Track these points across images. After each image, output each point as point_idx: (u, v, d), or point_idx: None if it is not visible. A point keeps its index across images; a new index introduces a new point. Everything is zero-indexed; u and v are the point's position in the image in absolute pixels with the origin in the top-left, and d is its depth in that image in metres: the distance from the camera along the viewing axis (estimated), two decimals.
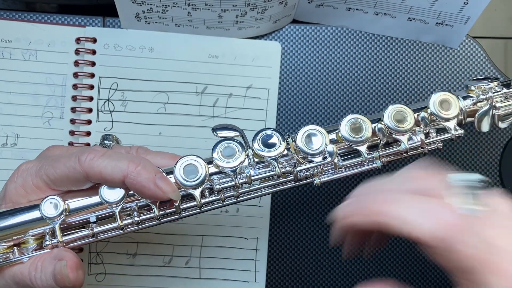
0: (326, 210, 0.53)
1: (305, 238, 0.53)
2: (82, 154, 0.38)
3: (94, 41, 0.51)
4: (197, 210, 0.41)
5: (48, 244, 0.39)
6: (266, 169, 0.41)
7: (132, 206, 0.40)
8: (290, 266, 0.53)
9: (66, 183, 0.39)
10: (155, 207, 0.39)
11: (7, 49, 0.51)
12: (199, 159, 0.39)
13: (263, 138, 0.40)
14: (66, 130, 0.51)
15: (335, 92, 0.54)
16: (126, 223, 0.39)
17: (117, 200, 0.39)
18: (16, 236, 0.39)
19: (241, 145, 0.40)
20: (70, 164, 0.38)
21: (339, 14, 0.52)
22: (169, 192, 0.38)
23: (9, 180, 0.40)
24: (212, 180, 0.40)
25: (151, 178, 0.37)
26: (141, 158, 0.39)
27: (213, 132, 0.41)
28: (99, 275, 0.51)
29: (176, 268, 0.51)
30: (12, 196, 0.39)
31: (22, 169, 0.40)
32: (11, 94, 0.50)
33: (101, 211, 0.40)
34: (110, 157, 0.38)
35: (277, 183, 0.41)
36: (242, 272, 0.52)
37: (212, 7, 0.48)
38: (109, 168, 0.37)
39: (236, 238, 0.52)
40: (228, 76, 0.52)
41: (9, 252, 0.39)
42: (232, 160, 0.40)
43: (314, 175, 0.41)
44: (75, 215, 0.39)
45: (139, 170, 0.37)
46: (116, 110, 0.51)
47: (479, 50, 0.54)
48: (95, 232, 0.39)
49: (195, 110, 0.52)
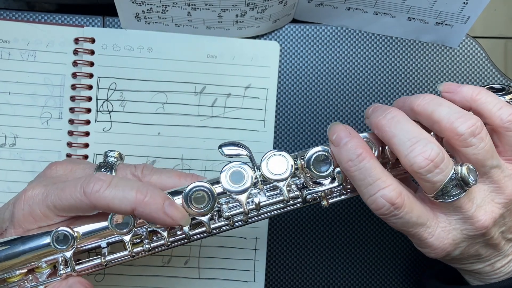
0: (326, 210, 0.53)
1: (304, 238, 0.53)
2: (87, 185, 0.37)
3: (92, 41, 0.51)
4: (206, 234, 0.41)
5: (62, 273, 0.39)
6: (274, 192, 0.41)
7: (142, 231, 0.40)
8: (289, 266, 0.53)
9: (73, 212, 0.39)
10: (165, 235, 0.40)
11: (6, 50, 0.50)
12: (207, 185, 0.39)
13: (271, 160, 0.40)
14: (64, 131, 0.51)
15: (335, 92, 0.53)
16: (137, 251, 0.40)
17: (126, 230, 0.39)
18: (29, 263, 0.39)
19: (249, 166, 0.40)
20: (76, 195, 0.38)
21: (338, 13, 0.52)
22: (179, 219, 0.38)
23: (15, 205, 0.40)
24: (221, 203, 0.40)
25: (160, 208, 0.37)
26: (148, 187, 0.38)
27: (219, 149, 0.41)
28: (98, 275, 0.51)
29: (175, 268, 0.51)
30: (21, 223, 0.39)
31: (28, 196, 0.39)
32: (10, 94, 0.50)
33: (111, 236, 0.40)
34: (116, 187, 0.37)
35: (286, 206, 0.41)
36: (241, 272, 0.52)
37: (212, 7, 0.48)
38: (116, 201, 0.37)
39: (235, 238, 0.52)
40: (227, 76, 0.52)
41: (24, 280, 0.39)
42: (241, 185, 0.39)
43: (322, 197, 0.41)
44: (85, 241, 0.40)
45: (147, 201, 0.37)
46: (114, 110, 0.51)
47: (478, 50, 0.54)
48: (107, 260, 0.40)
49: (194, 110, 0.52)
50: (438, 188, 0.37)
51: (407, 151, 0.37)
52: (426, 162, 0.36)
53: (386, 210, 0.37)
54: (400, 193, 0.37)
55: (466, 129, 0.37)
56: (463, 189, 0.37)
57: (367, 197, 0.38)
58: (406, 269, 0.53)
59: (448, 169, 0.37)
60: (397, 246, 0.53)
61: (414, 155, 0.36)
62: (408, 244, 0.53)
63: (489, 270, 0.41)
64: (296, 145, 0.53)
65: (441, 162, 0.36)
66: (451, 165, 0.37)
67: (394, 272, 0.53)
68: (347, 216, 0.53)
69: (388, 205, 0.37)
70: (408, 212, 0.37)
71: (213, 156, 0.51)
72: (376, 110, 0.40)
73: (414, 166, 0.36)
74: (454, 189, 0.37)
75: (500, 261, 0.41)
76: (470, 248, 0.40)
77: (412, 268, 0.53)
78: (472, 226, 0.38)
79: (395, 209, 0.37)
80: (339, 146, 0.39)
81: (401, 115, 0.39)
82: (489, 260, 0.41)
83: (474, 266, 0.41)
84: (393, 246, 0.53)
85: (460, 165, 0.37)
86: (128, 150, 0.50)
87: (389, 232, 0.53)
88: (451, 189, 0.37)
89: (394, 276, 0.53)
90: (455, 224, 0.39)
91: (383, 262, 0.53)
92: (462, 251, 0.39)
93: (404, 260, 0.53)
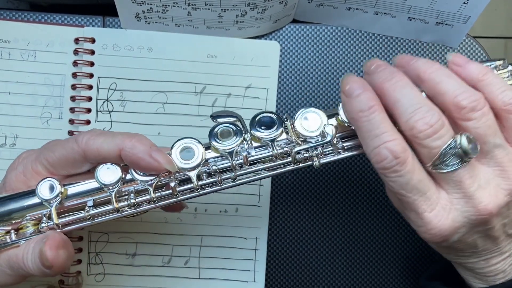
0: (326, 210, 0.53)
1: (304, 238, 0.53)
2: (79, 135, 0.39)
3: (92, 41, 0.51)
4: (194, 193, 0.40)
5: (44, 226, 0.39)
6: (263, 150, 0.40)
7: (129, 189, 0.40)
8: (289, 266, 0.53)
9: (65, 166, 0.39)
10: (151, 189, 0.39)
11: (6, 50, 0.50)
12: (195, 141, 0.39)
13: (261, 121, 0.40)
14: (65, 131, 0.51)
15: (335, 92, 0.53)
16: (122, 205, 0.39)
17: (113, 182, 0.39)
18: (14, 220, 0.39)
19: (239, 128, 0.40)
20: (69, 145, 0.39)
21: (339, 13, 0.52)
22: (165, 163, 0.38)
23: (9, 168, 0.41)
24: (209, 163, 0.40)
25: (146, 150, 0.38)
26: (136, 133, 0.39)
27: (212, 119, 0.41)
28: (98, 275, 0.51)
29: (176, 268, 0.51)
30: (12, 183, 0.40)
31: (23, 157, 0.41)
32: (10, 94, 0.50)
33: (98, 195, 0.40)
34: (106, 135, 0.39)
35: (276, 165, 0.41)
36: (242, 272, 0.52)
37: (212, 7, 0.48)
38: (105, 145, 0.38)
39: (235, 238, 0.52)
40: (227, 76, 0.52)
41: (6, 236, 0.39)
42: (229, 142, 0.39)
43: (313, 157, 0.41)
44: (72, 199, 0.39)
45: (134, 143, 0.38)
46: (115, 110, 0.51)
47: (479, 50, 0.54)
48: (91, 214, 0.39)
49: (194, 110, 0.52)
50: (436, 155, 0.36)
51: (409, 116, 0.37)
52: (426, 127, 0.36)
53: (388, 163, 0.37)
54: (406, 149, 0.37)
55: (469, 103, 0.37)
56: (462, 160, 0.36)
57: (371, 148, 0.37)
58: (404, 270, 0.53)
59: (447, 136, 0.36)
60: (397, 246, 0.53)
61: (415, 120, 0.36)
62: (408, 244, 0.53)
63: (483, 266, 0.41)
64: None
65: (441, 128, 0.36)
66: (450, 132, 0.37)
67: (393, 273, 0.53)
68: (347, 216, 0.53)
69: (391, 157, 0.36)
70: (409, 172, 0.37)
71: None
72: (380, 70, 0.40)
73: (414, 130, 0.36)
74: (453, 159, 0.36)
75: (495, 258, 0.40)
76: (468, 237, 0.39)
77: (410, 268, 0.53)
78: (474, 209, 0.37)
79: (397, 163, 0.36)
80: (351, 97, 0.38)
81: (406, 80, 0.39)
82: (485, 255, 0.40)
83: (469, 259, 0.41)
84: (393, 246, 0.53)
85: (460, 134, 0.36)
86: None
87: (390, 232, 0.53)
88: (449, 158, 0.36)
89: (393, 276, 0.53)
90: (457, 204, 0.38)
91: (383, 262, 0.53)
92: (460, 238, 0.38)
93: (403, 260, 0.53)
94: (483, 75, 0.39)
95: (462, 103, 0.37)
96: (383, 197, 0.53)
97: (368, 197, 0.53)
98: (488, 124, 0.37)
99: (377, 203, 0.53)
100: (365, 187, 0.53)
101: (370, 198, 0.53)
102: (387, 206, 0.53)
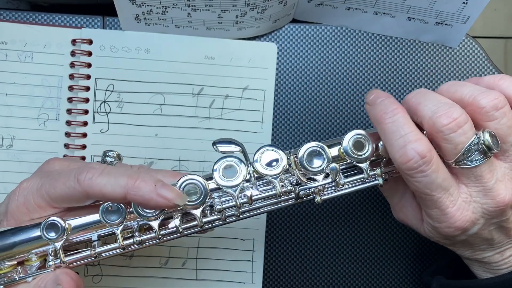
0: (323, 211, 0.53)
1: (301, 239, 0.53)
2: (80, 173, 0.38)
3: (90, 42, 0.51)
4: (198, 229, 0.40)
5: (51, 264, 0.39)
6: (267, 187, 0.41)
7: (133, 225, 0.40)
8: (286, 267, 0.53)
9: (67, 202, 0.39)
10: (156, 227, 0.39)
11: (3, 51, 0.50)
12: (199, 178, 0.39)
13: (264, 155, 0.40)
14: (62, 132, 0.51)
15: (334, 92, 0.53)
16: (127, 243, 0.39)
17: (117, 221, 0.39)
18: (19, 255, 0.39)
19: (242, 162, 0.40)
20: (70, 184, 0.38)
21: (338, 13, 0.52)
22: (173, 198, 0.37)
23: (10, 197, 0.40)
24: (213, 198, 0.40)
25: (152, 189, 0.37)
26: (139, 172, 0.38)
27: (213, 146, 0.40)
28: (96, 277, 0.51)
29: (173, 270, 0.51)
30: (14, 214, 0.39)
31: (23, 187, 0.40)
32: (7, 95, 0.50)
33: (102, 229, 0.40)
34: (109, 174, 0.38)
35: (278, 201, 0.41)
36: (239, 273, 0.52)
37: (212, 7, 0.48)
38: (109, 186, 0.37)
39: (232, 239, 0.52)
40: (224, 77, 0.52)
41: (13, 271, 0.39)
42: (233, 179, 0.39)
43: (316, 193, 0.41)
44: (76, 234, 0.40)
45: (138, 184, 0.37)
46: (112, 111, 0.51)
47: (478, 50, 0.53)
48: (97, 252, 0.40)
49: (192, 112, 0.52)
50: (460, 151, 0.37)
51: (432, 113, 0.38)
52: (449, 120, 0.37)
53: (414, 163, 0.37)
54: (431, 149, 0.37)
55: (489, 102, 0.38)
56: (485, 155, 0.37)
57: (397, 149, 0.38)
58: (406, 267, 0.53)
59: (471, 132, 0.37)
60: (396, 246, 0.53)
61: (439, 114, 0.37)
62: (407, 243, 0.53)
63: (498, 259, 0.42)
64: (294, 147, 0.53)
65: (464, 123, 0.37)
66: (473, 129, 0.38)
67: (394, 271, 0.53)
68: (345, 217, 0.53)
69: (418, 157, 0.37)
70: (435, 171, 0.37)
71: (211, 158, 0.51)
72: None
73: (437, 124, 0.37)
74: (476, 154, 0.37)
75: (510, 249, 0.41)
76: (484, 229, 0.40)
77: (412, 266, 0.53)
78: (492, 200, 0.38)
79: (424, 163, 0.37)
80: (375, 104, 0.40)
81: (426, 90, 0.40)
82: (500, 248, 0.41)
83: (484, 253, 0.42)
84: (392, 246, 0.53)
85: (482, 131, 0.37)
86: (125, 151, 0.50)
87: (389, 232, 0.53)
88: (473, 154, 0.37)
89: (394, 274, 0.53)
90: (476, 196, 0.39)
91: (383, 262, 0.53)
92: (477, 230, 0.39)
93: (404, 258, 0.53)
94: (499, 80, 0.40)
95: (481, 102, 0.38)
96: (383, 197, 0.53)
97: (368, 197, 0.53)
98: (508, 124, 0.38)
99: (377, 203, 0.53)
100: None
101: (370, 198, 0.53)
102: (387, 206, 0.52)
